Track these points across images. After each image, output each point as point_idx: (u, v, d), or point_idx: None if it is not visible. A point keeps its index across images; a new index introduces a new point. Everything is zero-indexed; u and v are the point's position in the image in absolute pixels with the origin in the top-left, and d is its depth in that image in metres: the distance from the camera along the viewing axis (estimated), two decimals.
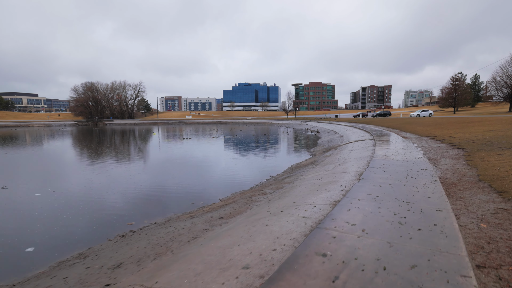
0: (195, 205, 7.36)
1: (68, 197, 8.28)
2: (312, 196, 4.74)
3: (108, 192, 8.85)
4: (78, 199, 8.10)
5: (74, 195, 8.47)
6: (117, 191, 8.90)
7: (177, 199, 8.14)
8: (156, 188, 9.28)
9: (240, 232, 3.53)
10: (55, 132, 45.45)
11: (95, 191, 8.94)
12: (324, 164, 9.48)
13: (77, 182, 10.34)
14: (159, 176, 11.18)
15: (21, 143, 26.68)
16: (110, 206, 7.41)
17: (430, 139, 12.12)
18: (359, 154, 9.50)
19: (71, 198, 8.15)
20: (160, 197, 8.31)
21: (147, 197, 8.27)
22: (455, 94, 57.05)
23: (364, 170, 6.34)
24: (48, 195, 8.42)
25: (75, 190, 9.12)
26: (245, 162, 14.57)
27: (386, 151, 9.20)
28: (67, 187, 9.58)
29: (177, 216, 6.27)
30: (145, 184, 9.80)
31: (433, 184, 4.76)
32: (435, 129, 16.46)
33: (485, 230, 2.83)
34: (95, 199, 8.02)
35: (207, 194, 8.46)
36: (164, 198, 8.22)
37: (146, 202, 7.84)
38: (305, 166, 11.03)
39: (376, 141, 12.74)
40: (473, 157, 6.83)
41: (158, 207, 7.43)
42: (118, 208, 7.29)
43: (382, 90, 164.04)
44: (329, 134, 26.90)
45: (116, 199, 8.03)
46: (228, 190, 8.84)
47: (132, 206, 7.46)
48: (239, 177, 10.84)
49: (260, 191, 6.87)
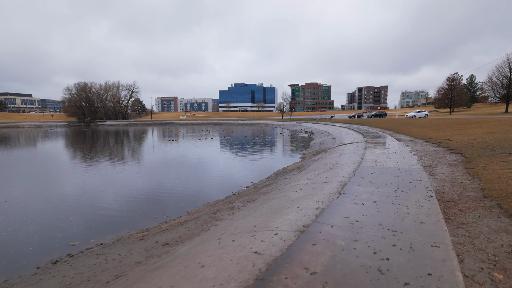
0: (158, 219, 6.41)
1: (20, 208, 7.28)
2: (279, 216, 3.83)
3: (65, 202, 7.85)
4: (29, 210, 7.11)
5: (26, 205, 7.47)
6: (75, 202, 7.90)
7: (142, 211, 7.18)
8: (122, 198, 8.30)
9: (168, 275, 2.60)
10: (42, 133, 44.13)
11: (48, 201, 7.93)
12: (308, 170, 8.58)
13: (34, 191, 9.32)
14: (130, 183, 10.19)
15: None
16: (60, 221, 6.43)
17: (426, 142, 11.28)
18: (347, 159, 8.61)
19: (22, 209, 7.15)
20: (124, 208, 7.34)
21: (109, 209, 7.29)
22: (451, 94, 56.56)
23: (348, 180, 5.44)
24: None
25: (30, 200, 8.11)
26: (231, 166, 13.64)
27: (377, 156, 8.31)
28: (22, 196, 8.56)
29: (129, 235, 5.32)
30: (111, 193, 8.81)
31: (428, 201, 3.86)
32: (431, 130, 15.66)
33: (503, 285, 1.93)
34: (46, 211, 7.03)
35: (178, 205, 7.52)
36: (128, 210, 7.25)
37: (106, 215, 6.87)
38: (290, 172, 10.13)
39: (368, 144, 11.88)
40: (474, 165, 5.97)
41: (116, 221, 6.47)
42: (69, 222, 6.31)
43: (378, 91, 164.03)
44: (322, 136, 26.07)
45: (69, 212, 7.04)
46: (202, 199, 7.91)
47: (86, 220, 6.49)
48: (219, 184, 9.91)
49: (230, 204, 5.94)
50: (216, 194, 8.48)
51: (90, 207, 7.47)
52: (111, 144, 26.07)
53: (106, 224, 6.30)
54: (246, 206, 5.26)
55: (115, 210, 7.21)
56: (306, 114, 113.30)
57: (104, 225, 6.24)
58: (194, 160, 15.91)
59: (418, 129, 17.22)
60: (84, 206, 7.51)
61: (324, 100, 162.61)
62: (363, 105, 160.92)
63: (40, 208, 7.32)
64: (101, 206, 7.53)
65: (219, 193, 8.58)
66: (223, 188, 9.08)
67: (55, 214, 6.94)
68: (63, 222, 6.38)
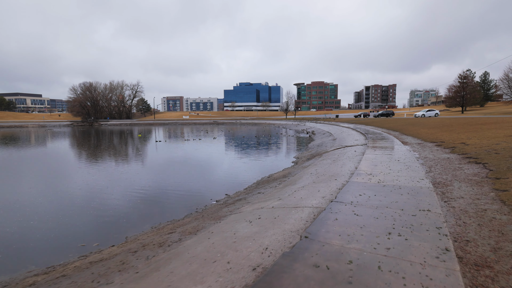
0: (85, 248, 4.93)
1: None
2: (196, 276, 2.26)
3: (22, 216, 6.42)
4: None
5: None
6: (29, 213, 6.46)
7: (60, 232, 5.72)
8: (77, 211, 6.84)
9: None
10: (42, 133, 43.53)
11: (13, 212, 6.54)
12: (288, 183, 6.96)
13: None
14: (94, 194, 8.74)
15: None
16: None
17: (436, 146, 9.50)
18: (338, 168, 6.96)
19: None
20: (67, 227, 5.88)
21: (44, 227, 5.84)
22: (463, 92, 53.72)
23: (325, 207, 3.83)
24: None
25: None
26: (213, 172, 12.10)
27: (374, 166, 6.63)
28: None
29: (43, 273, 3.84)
30: (73, 203, 7.36)
31: (442, 265, 2.23)
32: (443, 132, 13.78)
33: None
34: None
35: (119, 226, 6.03)
36: (61, 231, 5.80)
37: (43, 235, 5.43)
38: (273, 181, 8.55)
39: (368, 148, 10.17)
40: (506, 183, 4.26)
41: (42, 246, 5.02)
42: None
43: (386, 90, 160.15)
44: (323, 137, 24.33)
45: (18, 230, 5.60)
46: (156, 218, 6.42)
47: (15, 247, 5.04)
48: (189, 196, 8.39)
49: (168, 233, 4.40)
50: (176, 210, 6.97)
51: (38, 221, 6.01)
52: (109, 145, 24.86)
53: (36, 247, 4.84)
54: (178, 244, 3.71)
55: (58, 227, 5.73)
56: (311, 114, 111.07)
57: (32, 250, 4.77)
58: (172, 164, 14.38)
59: (428, 130, 15.35)
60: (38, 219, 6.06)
61: (330, 99, 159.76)
62: (371, 104, 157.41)
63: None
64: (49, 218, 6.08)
65: (181, 209, 7.07)
66: (189, 203, 7.55)
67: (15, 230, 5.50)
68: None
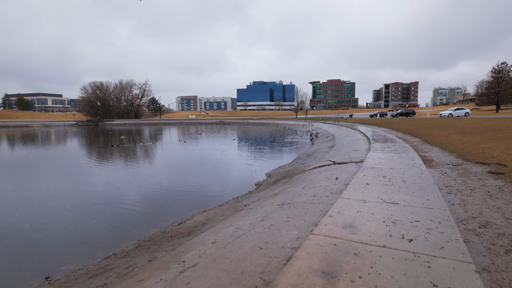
0: None
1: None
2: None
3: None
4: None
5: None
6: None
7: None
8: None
9: None
10: (39, 133, 41.75)
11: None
12: (204, 234, 2.87)
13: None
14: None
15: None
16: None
17: (492, 174, 5.05)
18: (299, 221, 2.79)
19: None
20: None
21: None
22: (498, 88, 46.74)
23: None
24: None
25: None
26: (172, 186, 8.17)
27: (362, 220, 2.40)
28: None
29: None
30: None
31: None
32: (490, 140, 9.08)
33: None
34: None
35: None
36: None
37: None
38: (210, 220, 4.50)
39: (364, 171, 5.84)
40: None
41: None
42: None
43: (407, 87, 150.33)
44: (323, 142, 19.89)
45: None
46: (100, 250, 2.66)
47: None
48: (134, 221, 4.50)
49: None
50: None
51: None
52: (86, 147, 21.71)
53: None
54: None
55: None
56: (325, 113, 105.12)
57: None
58: (139, 175, 10.45)
59: (463, 137, 10.61)
60: None
61: (347, 98, 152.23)
62: (390, 102, 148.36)
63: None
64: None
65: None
66: (126, 231, 3.66)
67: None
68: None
